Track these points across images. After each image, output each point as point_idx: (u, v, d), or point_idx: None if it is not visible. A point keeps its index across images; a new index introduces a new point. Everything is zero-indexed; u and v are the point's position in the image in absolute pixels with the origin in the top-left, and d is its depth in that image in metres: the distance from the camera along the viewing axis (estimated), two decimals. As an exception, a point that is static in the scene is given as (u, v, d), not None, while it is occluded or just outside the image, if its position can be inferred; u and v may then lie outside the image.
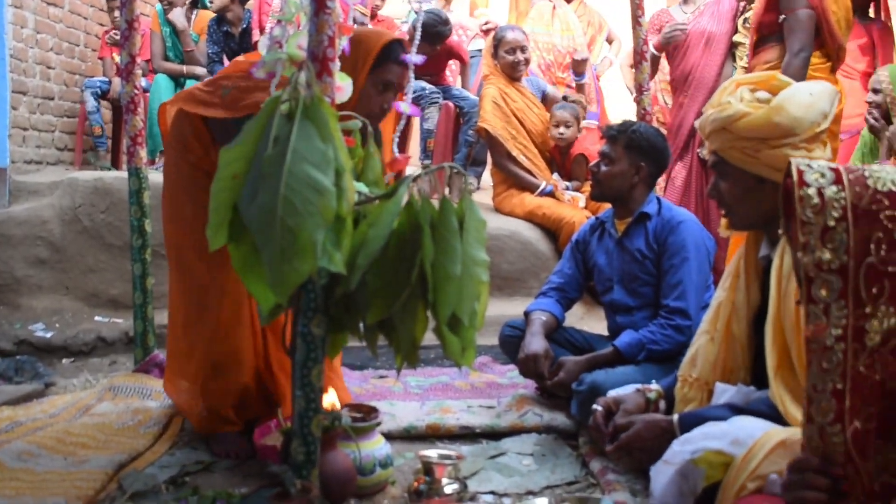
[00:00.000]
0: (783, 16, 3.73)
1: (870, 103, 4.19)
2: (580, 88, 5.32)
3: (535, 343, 2.85)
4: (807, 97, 1.93)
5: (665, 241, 2.79)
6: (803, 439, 1.25)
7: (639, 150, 2.86)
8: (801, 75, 3.54)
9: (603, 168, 2.90)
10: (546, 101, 5.21)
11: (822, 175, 1.26)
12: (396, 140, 2.20)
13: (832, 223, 1.22)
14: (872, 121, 4.13)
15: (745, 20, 4.70)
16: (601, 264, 2.98)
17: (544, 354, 2.82)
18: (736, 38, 4.82)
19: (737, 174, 1.99)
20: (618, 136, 2.88)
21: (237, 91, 2.34)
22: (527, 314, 3.04)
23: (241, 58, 2.76)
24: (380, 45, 2.42)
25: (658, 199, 2.93)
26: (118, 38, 3.31)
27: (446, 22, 5.30)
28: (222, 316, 2.48)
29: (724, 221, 2.14)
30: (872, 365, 1.20)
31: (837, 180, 1.25)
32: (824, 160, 1.88)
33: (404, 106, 2.17)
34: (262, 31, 5.47)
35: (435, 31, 5.17)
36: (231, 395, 2.51)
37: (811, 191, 1.25)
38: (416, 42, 2.20)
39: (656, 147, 2.91)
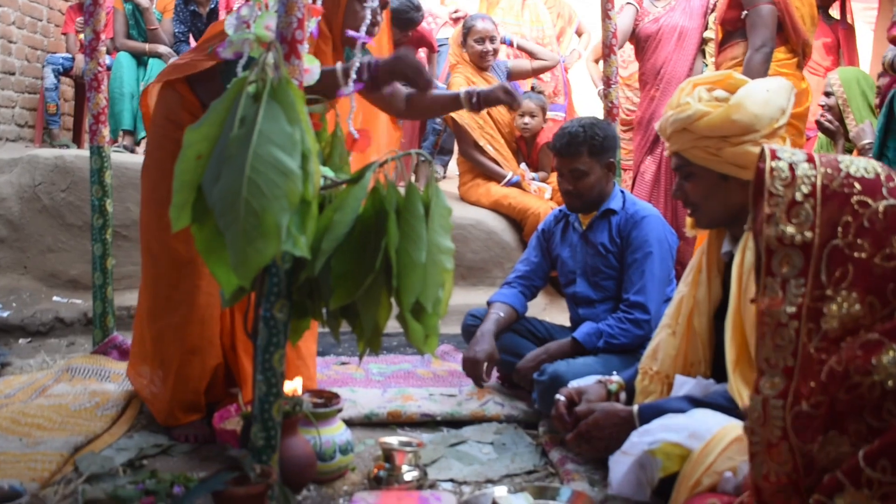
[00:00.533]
0: (745, 12, 3.77)
1: (822, 106, 4.25)
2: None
3: (481, 345, 2.87)
4: (764, 94, 1.95)
5: (628, 235, 2.81)
6: (748, 409, 1.25)
7: (602, 150, 2.86)
8: (762, 71, 3.59)
9: (580, 183, 2.86)
10: (511, 76, 5.20)
11: (794, 154, 1.27)
12: (350, 121, 2.17)
13: (800, 198, 1.21)
14: (826, 123, 4.19)
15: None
16: (564, 257, 3.00)
17: (486, 359, 2.85)
18: (706, 34, 4.87)
19: (700, 173, 2.01)
20: (580, 146, 2.83)
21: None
22: (489, 304, 3.05)
23: (220, 20, 2.72)
24: None
25: (622, 192, 2.95)
26: (83, 28, 3.24)
27: (418, 8, 5.28)
28: (199, 298, 2.45)
29: (689, 221, 2.16)
30: (827, 349, 1.20)
31: (809, 160, 1.26)
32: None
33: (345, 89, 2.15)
34: (229, 11, 5.41)
35: (406, 18, 5.14)
36: (204, 379, 2.49)
37: (783, 164, 1.24)
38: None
39: (613, 136, 2.92)
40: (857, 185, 1.22)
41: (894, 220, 1.21)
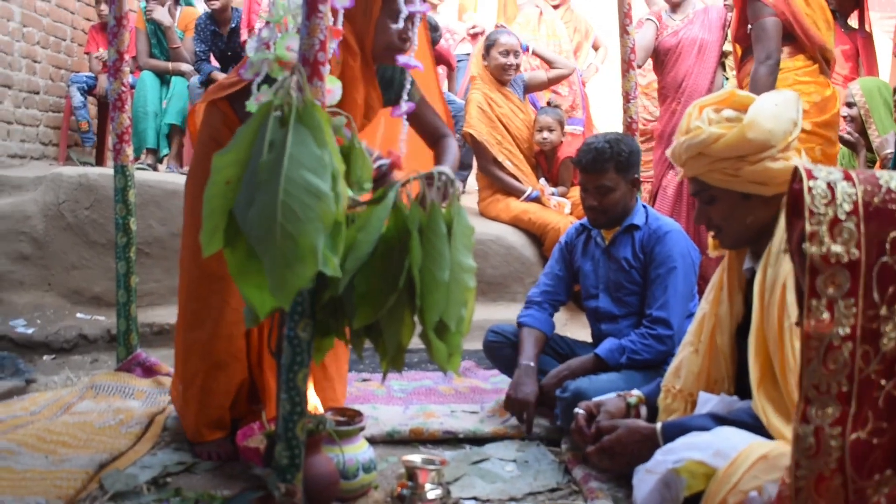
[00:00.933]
0: (750, 26, 3.72)
1: (844, 117, 4.20)
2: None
3: (529, 387, 2.77)
4: (773, 108, 1.94)
5: (652, 250, 2.81)
6: (793, 440, 1.20)
7: (628, 166, 2.85)
8: (768, 83, 3.49)
9: (606, 199, 2.84)
10: (528, 89, 5.22)
11: (831, 172, 1.24)
12: (403, 141, 2.19)
13: (842, 216, 1.18)
14: (847, 136, 4.15)
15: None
16: (587, 270, 2.99)
17: (534, 402, 2.76)
18: (726, 47, 4.86)
19: (721, 195, 2.00)
20: (607, 162, 2.81)
21: None
22: (520, 326, 3.02)
23: None
24: None
25: (645, 207, 2.95)
26: (106, 58, 3.30)
27: (436, 28, 5.30)
28: (227, 315, 2.47)
29: (712, 242, 2.15)
30: (885, 372, 1.16)
31: (847, 177, 1.23)
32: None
33: (410, 59, 2.15)
34: (250, 30, 5.45)
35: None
36: (229, 395, 2.50)
37: (821, 183, 1.21)
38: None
39: (638, 151, 2.92)
40: None
41: None
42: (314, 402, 2.24)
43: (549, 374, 2.80)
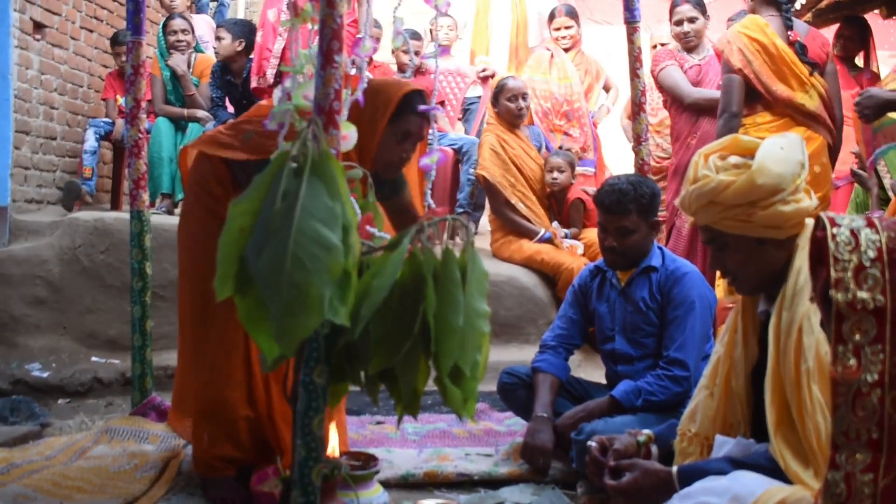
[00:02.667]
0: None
1: (856, 155, 4.24)
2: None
3: (544, 433, 2.77)
4: (780, 152, 1.94)
5: (669, 291, 2.81)
6: (822, 486, 1.20)
7: (649, 209, 2.86)
8: (723, 134, 3.56)
9: (626, 241, 2.85)
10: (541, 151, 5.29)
11: (854, 220, 1.25)
12: (429, 193, 2.21)
13: (867, 263, 1.19)
14: (861, 172, 4.17)
15: None
16: (602, 312, 2.99)
17: (551, 450, 2.76)
18: None
19: (735, 242, 1.99)
20: (629, 204, 2.82)
21: (258, 136, 2.38)
22: (534, 371, 3.01)
23: (264, 102, 2.81)
24: (399, 96, 2.46)
25: (661, 248, 2.96)
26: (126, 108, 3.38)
27: (417, 36, 5.39)
28: (218, 361, 2.50)
29: (725, 288, 2.15)
30: None
31: (870, 224, 1.24)
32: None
33: (430, 159, 2.18)
34: (261, 75, 5.51)
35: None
36: (223, 441, 2.52)
37: (844, 230, 1.22)
38: (437, 89, 2.23)
39: (658, 194, 2.94)
40: None
41: None
42: (332, 445, 2.24)
43: (564, 416, 2.79)
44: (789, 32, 3.85)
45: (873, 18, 5.25)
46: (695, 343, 2.73)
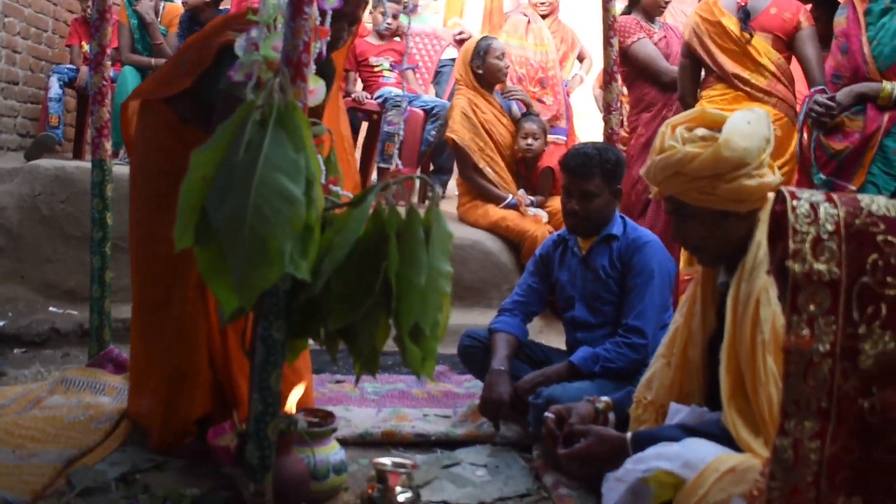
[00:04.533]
0: None
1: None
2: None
3: (502, 387, 2.79)
4: (747, 126, 1.96)
5: (630, 260, 2.83)
6: (771, 452, 1.21)
7: (613, 175, 2.87)
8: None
9: (589, 205, 2.85)
10: (510, 115, 5.27)
11: (814, 194, 1.27)
12: (396, 153, 2.19)
13: (825, 235, 1.20)
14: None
15: None
16: (564, 281, 3.00)
17: (508, 402, 2.77)
18: None
19: (698, 214, 2.01)
20: (593, 168, 2.83)
21: (196, 56, 2.31)
22: (491, 332, 3.03)
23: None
24: None
25: (622, 217, 2.97)
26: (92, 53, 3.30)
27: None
28: (185, 319, 2.43)
29: (685, 258, 2.17)
30: (862, 390, 1.18)
31: (829, 199, 1.25)
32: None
33: (397, 118, 2.16)
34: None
35: None
36: (195, 405, 2.45)
37: (804, 203, 1.23)
38: (409, 48, 2.19)
39: (623, 163, 2.94)
40: (881, 224, 1.22)
41: None
42: (290, 404, 2.24)
43: (522, 380, 2.81)
44: (741, 3, 3.96)
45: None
46: (653, 312, 2.75)
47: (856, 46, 3.46)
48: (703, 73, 4.20)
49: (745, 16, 3.92)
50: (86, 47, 5.79)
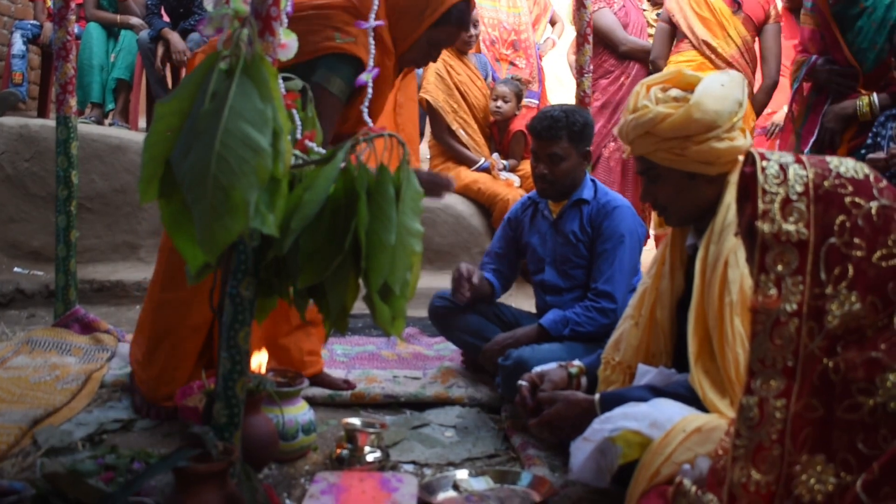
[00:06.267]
0: None
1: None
2: None
3: (467, 266, 2.97)
4: (720, 89, 1.96)
5: (600, 225, 2.82)
6: (737, 410, 1.23)
7: (581, 137, 2.85)
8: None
9: (557, 168, 2.84)
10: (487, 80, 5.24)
11: (783, 156, 1.27)
12: (366, 111, 2.19)
13: (794, 196, 1.21)
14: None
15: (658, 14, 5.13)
16: (534, 244, 3.00)
17: (469, 270, 2.95)
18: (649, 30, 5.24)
19: (667, 174, 2.01)
20: (560, 130, 2.82)
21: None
22: None
23: None
24: (449, 4, 2.45)
25: (593, 181, 2.96)
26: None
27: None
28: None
29: (656, 219, 2.18)
30: (828, 349, 1.19)
31: (798, 161, 1.25)
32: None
33: (366, 75, 2.15)
34: None
35: None
36: (193, 358, 2.48)
37: (773, 164, 1.23)
38: (376, 5, 2.18)
39: (591, 125, 2.94)
40: (850, 186, 1.22)
41: (887, 221, 1.21)
42: (259, 362, 2.23)
43: (493, 340, 2.83)
44: None
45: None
46: (623, 276, 2.76)
47: (839, 55, 3.49)
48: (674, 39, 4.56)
49: None
50: (49, 2, 5.65)
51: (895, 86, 3.38)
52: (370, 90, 2.24)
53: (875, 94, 3.40)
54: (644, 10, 5.38)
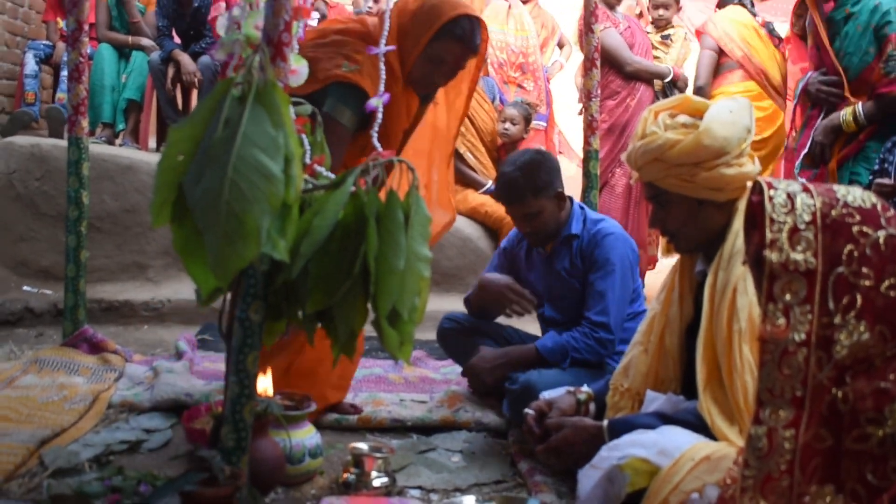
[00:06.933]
0: None
1: None
2: None
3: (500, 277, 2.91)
4: (728, 115, 1.96)
5: (591, 254, 2.76)
6: (746, 440, 1.22)
7: (545, 187, 2.75)
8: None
9: (535, 223, 2.78)
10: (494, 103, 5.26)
11: (790, 185, 1.27)
12: (375, 135, 2.19)
13: (802, 225, 1.20)
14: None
15: (667, 36, 5.30)
16: (532, 281, 2.95)
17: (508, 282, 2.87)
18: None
19: (676, 200, 2.01)
20: (523, 192, 2.74)
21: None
22: (466, 301, 3.06)
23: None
24: (446, 18, 2.43)
25: (582, 208, 2.89)
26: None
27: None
28: None
29: (664, 245, 2.18)
30: (837, 379, 1.19)
31: (805, 190, 1.26)
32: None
33: (376, 101, 2.16)
34: (228, 5, 5.37)
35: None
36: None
37: (781, 193, 1.23)
38: (385, 30, 2.19)
39: (550, 167, 2.81)
40: (857, 215, 1.22)
41: (894, 250, 1.20)
42: (265, 386, 2.23)
43: (479, 356, 2.79)
44: (756, 18, 4.83)
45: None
46: (616, 306, 2.71)
47: (827, 61, 3.52)
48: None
49: (771, 29, 4.88)
50: (61, 24, 5.70)
51: (881, 90, 3.37)
52: (380, 115, 2.23)
53: (860, 104, 3.40)
54: (648, 32, 5.41)
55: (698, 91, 4.78)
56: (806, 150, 3.65)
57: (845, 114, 3.43)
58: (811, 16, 3.59)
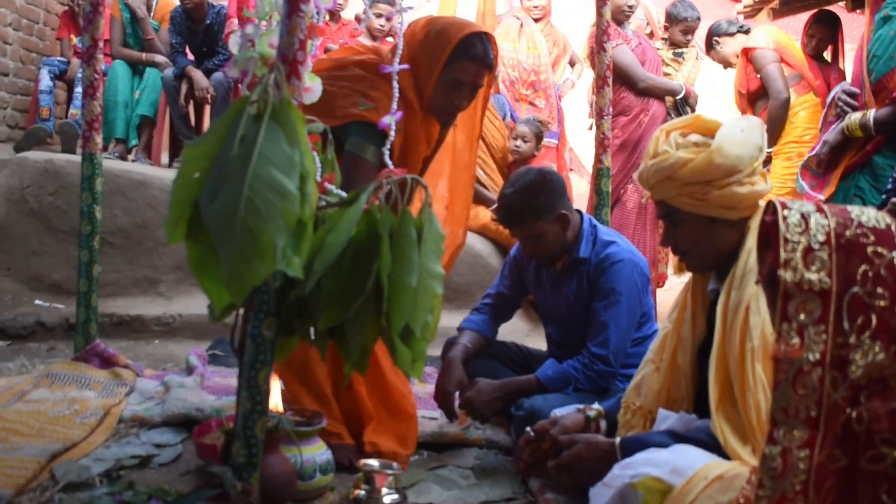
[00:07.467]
0: (758, 74, 4.74)
1: None
2: None
3: (451, 376, 2.78)
4: (740, 134, 1.96)
5: (597, 281, 2.72)
6: (760, 460, 1.21)
7: (546, 209, 2.69)
8: (780, 117, 4.63)
9: (539, 245, 2.74)
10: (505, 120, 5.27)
11: (804, 205, 1.27)
12: (387, 153, 2.18)
13: (816, 245, 1.20)
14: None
15: (679, 54, 5.17)
16: (539, 298, 2.94)
17: (456, 389, 2.78)
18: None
19: (689, 219, 2.00)
20: (523, 216, 2.69)
21: (328, 109, 2.31)
22: (459, 330, 3.01)
23: (323, 56, 2.76)
24: (457, 39, 2.43)
25: (593, 226, 2.83)
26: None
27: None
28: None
29: (676, 264, 2.17)
30: (852, 399, 1.18)
31: (819, 210, 1.25)
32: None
33: (389, 118, 2.16)
34: (241, 22, 5.41)
35: None
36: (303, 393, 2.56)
37: (794, 213, 1.23)
38: (399, 50, 2.20)
39: (551, 189, 2.73)
40: (871, 236, 1.21)
41: None
42: (276, 401, 2.23)
43: (475, 389, 2.71)
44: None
45: (837, 11, 5.29)
46: (618, 336, 2.67)
47: (857, 64, 3.52)
48: None
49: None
50: (75, 40, 5.76)
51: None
52: (392, 132, 2.23)
53: (873, 111, 3.38)
54: (658, 48, 5.42)
55: (784, 102, 4.65)
56: (813, 152, 3.65)
57: (851, 120, 3.42)
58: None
